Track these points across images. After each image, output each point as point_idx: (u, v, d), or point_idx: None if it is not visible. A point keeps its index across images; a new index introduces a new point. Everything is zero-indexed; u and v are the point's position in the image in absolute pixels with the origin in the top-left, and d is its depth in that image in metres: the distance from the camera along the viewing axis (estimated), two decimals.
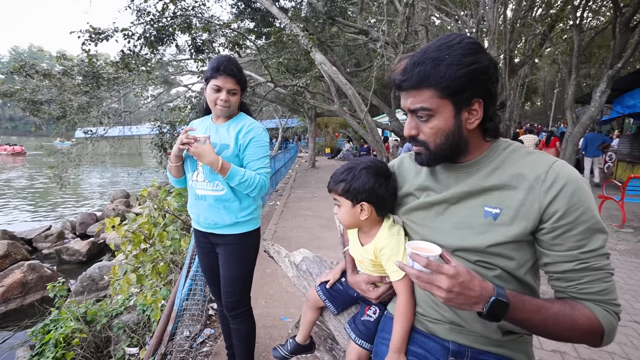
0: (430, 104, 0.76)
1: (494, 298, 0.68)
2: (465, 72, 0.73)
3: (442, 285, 0.68)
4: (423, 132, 0.81)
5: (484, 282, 0.70)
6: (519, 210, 0.76)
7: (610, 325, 0.72)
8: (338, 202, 1.01)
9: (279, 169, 10.98)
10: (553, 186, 0.73)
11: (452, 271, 0.67)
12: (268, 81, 8.63)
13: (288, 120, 23.90)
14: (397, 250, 0.95)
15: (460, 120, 0.79)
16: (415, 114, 0.80)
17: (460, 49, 0.74)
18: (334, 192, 1.01)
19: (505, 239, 0.77)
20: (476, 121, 0.80)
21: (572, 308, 0.72)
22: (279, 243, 4.69)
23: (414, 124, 0.82)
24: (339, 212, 1.02)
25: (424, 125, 0.80)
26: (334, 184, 1.01)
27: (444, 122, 0.78)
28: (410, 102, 0.79)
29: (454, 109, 0.77)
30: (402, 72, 0.78)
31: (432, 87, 0.75)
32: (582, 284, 0.73)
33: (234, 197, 1.57)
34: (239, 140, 1.56)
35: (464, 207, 0.84)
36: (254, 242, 1.71)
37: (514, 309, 0.70)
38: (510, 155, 0.82)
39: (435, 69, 0.73)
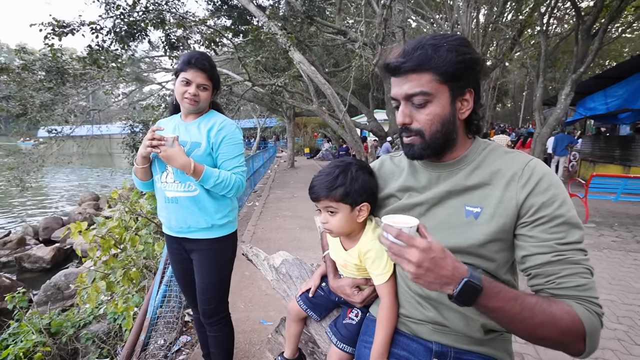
0: (429, 87, 0.76)
1: (466, 279, 0.64)
2: (463, 59, 0.75)
3: (412, 258, 0.63)
4: (418, 120, 0.80)
5: (458, 262, 0.67)
6: (498, 207, 0.77)
7: (592, 325, 0.67)
8: (333, 210, 0.93)
9: (258, 169, 10.83)
10: (529, 182, 0.75)
11: (423, 244, 0.63)
12: (246, 80, 8.48)
13: (266, 120, 23.67)
14: (382, 253, 0.93)
15: (455, 109, 0.80)
16: (409, 101, 0.79)
17: (455, 40, 0.76)
18: (329, 200, 0.92)
19: (486, 238, 0.77)
20: (467, 111, 0.81)
21: (551, 302, 0.69)
22: (258, 245, 4.62)
23: (408, 112, 0.80)
24: (331, 220, 0.94)
25: (419, 112, 0.79)
26: (328, 191, 0.91)
27: (441, 108, 0.78)
28: (408, 87, 0.77)
29: (450, 95, 0.78)
30: (402, 55, 0.77)
31: (433, 70, 0.75)
32: (560, 278, 0.70)
33: (209, 197, 1.49)
34: (210, 138, 1.47)
35: (446, 207, 0.84)
36: (230, 247, 1.63)
37: (487, 295, 0.66)
38: (489, 155, 0.83)
39: (436, 52, 0.74)
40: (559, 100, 7.64)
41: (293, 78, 9.49)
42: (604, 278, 3.32)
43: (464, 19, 9.93)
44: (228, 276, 1.67)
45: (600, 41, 7.26)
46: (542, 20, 9.66)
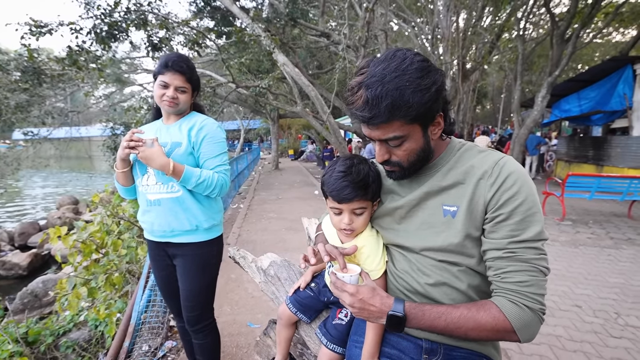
0: (401, 131, 0.78)
1: (390, 313, 0.78)
2: (429, 97, 0.75)
3: (345, 300, 0.81)
4: (395, 155, 0.84)
5: (386, 298, 0.80)
6: (470, 204, 0.81)
7: (520, 321, 0.74)
8: (362, 210, 0.93)
9: (242, 171, 10.74)
10: (497, 180, 0.78)
11: (351, 290, 0.79)
12: (229, 82, 8.41)
13: (250, 122, 23.49)
14: (377, 249, 0.96)
15: (428, 136, 0.83)
16: (385, 142, 0.82)
17: (416, 71, 0.74)
18: (362, 200, 0.92)
19: (463, 235, 0.81)
20: (439, 130, 0.85)
21: (479, 309, 0.77)
22: (244, 247, 4.57)
23: (385, 150, 0.84)
24: (357, 220, 0.94)
25: (396, 150, 0.83)
26: (364, 191, 0.91)
27: (415, 143, 0.82)
28: (379, 134, 0.79)
29: (422, 129, 0.81)
30: (368, 109, 0.75)
31: (402, 118, 0.76)
32: (505, 273, 0.76)
33: (192, 198, 1.46)
34: (191, 137, 1.45)
35: (425, 208, 0.88)
36: (216, 251, 1.59)
37: (413, 319, 0.78)
38: (463, 155, 0.88)
39: (401, 99, 0.73)
40: (535, 102, 7.94)
41: (277, 80, 9.47)
42: (580, 274, 3.47)
43: (444, 22, 10.19)
44: (213, 282, 1.63)
45: (574, 46, 7.60)
46: (519, 24, 10.00)
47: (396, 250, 0.95)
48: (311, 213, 6.43)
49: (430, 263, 0.87)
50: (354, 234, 0.96)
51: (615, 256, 3.95)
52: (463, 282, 0.84)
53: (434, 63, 0.79)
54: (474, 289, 0.85)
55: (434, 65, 0.78)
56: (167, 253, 1.55)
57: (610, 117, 8.50)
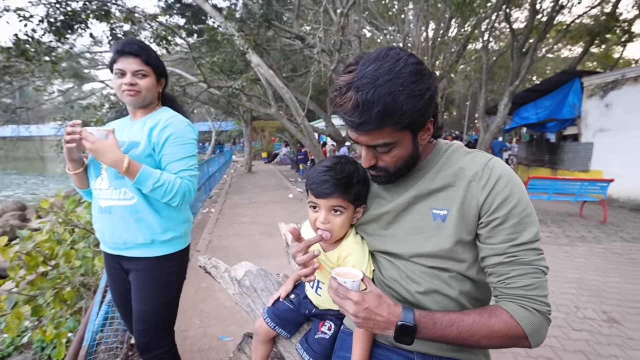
0: (391, 138, 0.74)
1: (400, 323, 0.71)
2: (423, 104, 0.70)
3: (348, 309, 0.72)
4: (382, 160, 0.80)
5: (393, 307, 0.73)
6: (461, 208, 0.77)
7: (531, 326, 0.72)
8: (341, 209, 0.86)
9: (213, 174, 10.40)
10: (488, 182, 0.75)
11: (356, 297, 0.71)
12: (200, 81, 8.11)
13: (222, 124, 22.93)
14: (363, 257, 0.90)
15: (417, 142, 0.79)
16: (372, 148, 0.77)
17: (410, 75, 0.68)
18: (342, 198, 0.85)
19: (454, 240, 0.77)
20: (428, 136, 0.81)
21: (490, 315, 0.73)
22: (215, 254, 4.38)
23: (372, 155, 0.79)
24: (335, 220, 0.87)
25: (383, 155, 0.78)
26: (344, 189, 0.85)
27: (404, 150, 0.78)
28: (367, 139, 0.74)
29: (412, 135, 0.77)
30: (358, 114, 0.69)
31: (394, 125, 0.71)
32: (509, 279, 0.74)
33: (149, 206, 1.28)
34: (152, 137, 1.27)
35: (413, 212, 0.84)
36: (176, 267, 1.39)
37: (424, 330, 0.72)
38: (451, 156, 0.84)
39: (394, 105, 0.67)
40: (499, 110, 8.37)
41: (251, 81, 9.27)
42: None
43: (415, 32, 10.50)
44: (172, 302, 1.42)
45: (531, 58, 8.14)
46: (483, 36, 10.53)
47: (383, 258, 0.90)
48: (286, 217, 6.30)
49: (420, 270, 0.82)
50: (333, 238, 0.89)
51: (571, 253, 4.19)
52: (454, 288, 0.81)
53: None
54: (465, 296, 0.82)
55: (427, 68, 0.73)
56: (122, 267, 1.37)
57: (562, 124, 9.15)
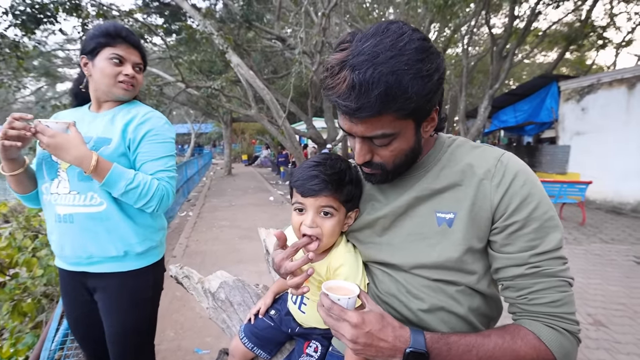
0: (392, 128, 0.62)
1: (409, 350, 0.60)
2: (431, 87, 0.59)
3: (345, 334, 0.60)
4: (379, 155, 0.68)
5: (399, 329, 0.62)
6: (472, 210, 0.67)
7: (562, 349, 0.62)
8: (332, 211, 0.75)
9: (192, 176, 10.10)
10: (503, 180, 0.65)
11: (355, 319, 0.59)
12: (178, 81, 7.85)
13: (202, 126, 22.44)
14: (356, 269, 0.79)
15: (420, 134, 0.68)
16: (369, 140, 0.66)
17: (416, 52, 0.57)
18: (333, 198, 0.74)
19: (463, 248, 0.67)
20: (432, 128, 0.70)
21: (514, 337, 0.63)
22: (192, 259, 4.19)
23: (367, 149, 0.67)
24: (325, 224, 0.75)
25: (380, 149, 0.67)
26: (336, 186, 0.74)
27: (406, 142, 0.66)
28: (363, 129, 0.63)
29: (415, 125, 0.65)
30: (355, 97, 0.57)
31: (396, 112, 0.59)
32: (533, 293, 0.64)
33: (122, 213, 1.11)
34: (127, 133, 1.12)
35: (414, 215, 0.73)
36: (152, 281, 1.24)
37: (437, 357, 0.61)
38: (456, 151, 0.73)
39: (398, 87, 0.56)
40: (479, 113, 8.54)
41: (230, 82, 9.07)
42: None
43: None
44: (151, 319, 1.28)
45: (510, 62, 8.35)
46: (463, 40, 10.76)
47: (379, 269, 0.79)
48: (266, 220, 6.15)
49: (422, 283, 0.71)
50: (322, 246, 0.77)
51: None
52: (462, 305, 0.70)
53: None
54: (474, 313, 0.71)
55: (434, 46, 0.62)
56: (85, 286, 1.18)
57: (540, 127, 9.42)
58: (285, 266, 0.72)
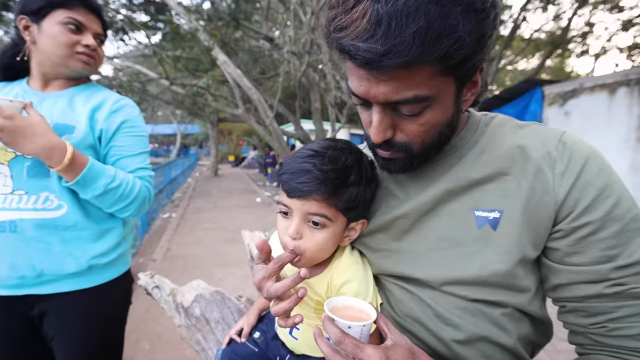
0: (427, 88, 0.45)
1: None
2: (486, 28, 0.43)
3: None
4: (404, 131, 0.51)
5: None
6: (526, 207, 0.50)
7: None
8: (323, 221, 0.57)
9: (176, 177, 9.80)
10: (570, 167, 0.49)
11: (377, 356, 0.43)
12: (162, 77, 7.58)
13: (188, 126, 22.02)
14: (367, 285, 0.62)
15: (460, 102, 0.51)
16: (392, 107, 0.48)
17: None
18: (327, 204, 0.56)
19: (515, 258, 0.51)
20: (473, 96, 0.53)
21: None
22: (173, 263, 3.97)
23: (389, 122, 0.50)
24: (312, 237, 0.57)
25: (408, 122, 0.49)
26: (333, 188, 0.55)
27: (442, 112, 0.49)
28: (388, 90, 0.45)
29: (456, 88, 0.48)
30: (382, 36, 0.40)
31: (439, 60, 0.42)
32: (616, 321, 0.48)
33: (85, 218, 0.92)
34: (96, 121, 0.94)
35: (445, 214, 0.56)
36: (122, 294, 1.06)
37: None
38: (497, 131, 0.57)
39: (444, 23, 0.39)
40: None
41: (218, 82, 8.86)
42: None
43: None
44: (118, 341, 1.09)
45: (497, 66, 8.47)
46: None
47: (396, 285, 0.62)
48: (253, 222, 5.96)
49: (457, 305, 0.55)
50: (306, 263, 0.59)
51: None
52: (510, 333, 0.54)
53: None
54: (522, 342, 0.55)
55: None
56: (26, 315, 0.94)
57: None
58: (267, 289, 0.53)
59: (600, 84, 7.23)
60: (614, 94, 7.01)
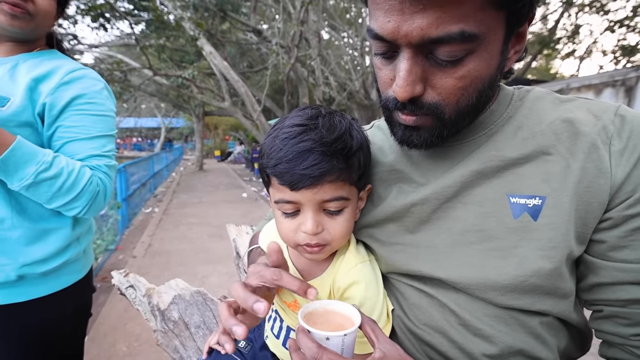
0: (478, 24, 0.36)
1: None
2: None
3: None
4: (438, 87, 0.41)
5: None
6: (575, 192, 0.42)
7: None
8: (341, 204, 0.49)
9: (159, 171, 9.52)
10: (631, 144, 0.41)
11: None
12: (145, 67, 7.30)
13: (172, 120, 21.52)
14: (377, 287, 0.53)
15: (505, 56, 0.42)
16: (426, 51, 0.39)
17: None
18: (341, 183, 0.48)
19: (562, 255, 0.42)
20: (516, 56, 0.45)
21: None
22: (154, 259, 3.81)
23: (420, 74, 0.40)
24: (333, 225, 0.49)
25: (444, 75, 0.40)
26: (344, 161, 0.47)
27: (486, 63, 0.40)
28: (427, 22, 0.36)
29: (505, 31, 0.40)
30: None
31: None
32: None
33: (17, 215, 0.77)
34: (38, 94, 0.78)
35: (472, 201, 0.47)
36: (72, 309, 0.88)
37: None
38: (535, 105, 0.48)
39: None
40: None
41: (203, 74, 8.63)
42: None
43: None
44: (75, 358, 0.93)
45: None
46: None
47: (410, 286, 0.53)
48: (239, 217, 5.82)
49: (488, 312, 0.46)
50: (331, 250, 0.51)
51: None
52: (550, 346, 0.46)
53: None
54: (561, 355, 0.48)
55: None
56: None
57: None
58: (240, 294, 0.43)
59: (586, 85, 7.38)
60: (599, 95, 7.17)
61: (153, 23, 6.92)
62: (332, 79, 11.03)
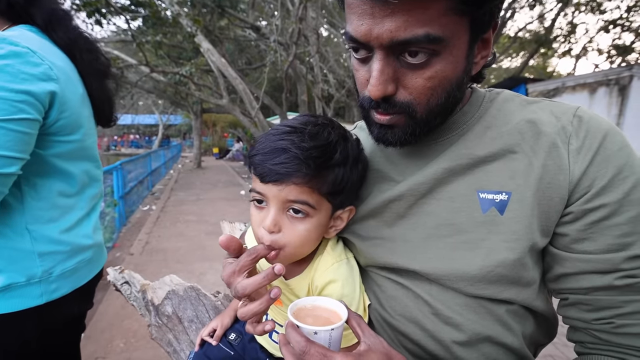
0: (440, 27, 0.39)
1: None
2: None
3: None
4: (408, 87, 0.44)
5: None
6: (537, 188, 0.45)
7: None
8: (306, 209, 0.49)
9: (157, 168, 9.51)
10: (587, 143, 0.44)
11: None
12: (142, 64, 7.27)
13: (170, 117, 21.44)
14: (354, 285, 0.55)
15: (472, 59, 0.45)
16: (397, 53, 0.42)
17: None
18: (307, 188, 0.48)
19: (525, 247, 0.45)
20: (483, 61, 0.48)
21: None
22: (152, 257, 3.82)
23: (392, 73, 0.43)
24: (292, 230, 0.50)
25: (413, 76, 0.43)
26: (316, 169, 0.47)
27: (452, 66, 0.42)
28: (396, 26, 0.39)
29: (470, 37, 0.42)
30: None
31: None
32: (624, 317, 0.43)
33: None
34: None
35: (444, 196, 0.50)
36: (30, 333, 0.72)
37: None
38: (504, 107, 0.51)
39: None
40: None
41: (201, 71, 8.60)
42: None
43: None
44: None
45: None
46: None
47: (387, 279, 0.55)
48: (236, 215, 5.84)
49: (458, 301, 0.49)
50: (287, 258, 0.52)
51: None
52: (515, 332, 0.49)
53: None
54: (527, 341, 0.51)
55: None
56: None
57: None
58: (236, 285, 0.45)
59: (581, 83, 7.42)
60: (594, 94, 7.20)
61: (150, 19, 6.89)
62: (330, 76, 11.02)
